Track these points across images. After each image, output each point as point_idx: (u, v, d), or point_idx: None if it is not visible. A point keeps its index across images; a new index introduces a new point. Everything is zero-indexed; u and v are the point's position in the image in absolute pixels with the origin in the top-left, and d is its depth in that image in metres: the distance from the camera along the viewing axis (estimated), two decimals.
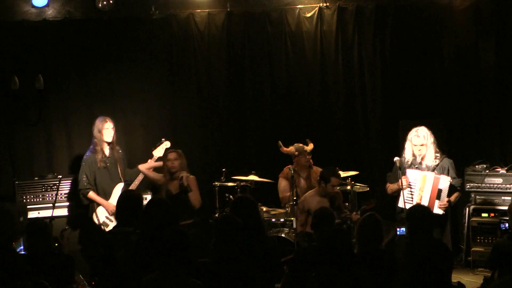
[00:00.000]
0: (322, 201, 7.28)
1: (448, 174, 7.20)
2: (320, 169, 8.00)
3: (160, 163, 7.73)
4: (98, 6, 8.58)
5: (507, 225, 6.47)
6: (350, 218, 7.42)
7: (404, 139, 7.41)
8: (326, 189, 7.28)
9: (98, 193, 7.76)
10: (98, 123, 7.87)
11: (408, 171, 7.17)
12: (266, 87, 9.10)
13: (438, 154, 7.27)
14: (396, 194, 7.29)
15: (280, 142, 8.06)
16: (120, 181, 7.84)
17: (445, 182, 7.05)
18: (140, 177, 7.76)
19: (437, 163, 7.22)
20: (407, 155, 7.27)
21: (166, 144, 7.84)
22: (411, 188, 7.04)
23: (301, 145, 8.04)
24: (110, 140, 7.86)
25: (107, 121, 7.85)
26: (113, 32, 8.86)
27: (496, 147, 8.75)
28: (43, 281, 4.69)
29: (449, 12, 8.80)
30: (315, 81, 9.06)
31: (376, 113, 9.01)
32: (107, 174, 7.84)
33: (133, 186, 7.72)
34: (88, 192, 7.74)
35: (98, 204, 7.73)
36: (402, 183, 7.01)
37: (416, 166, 7.21)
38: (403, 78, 8.95)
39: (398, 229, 6.52)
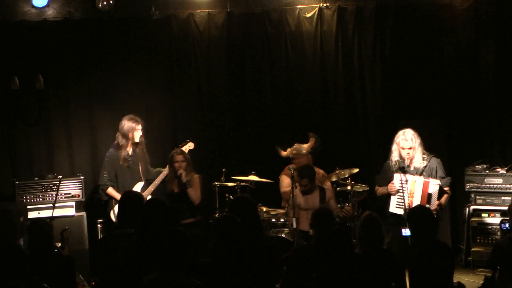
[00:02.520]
0: (310, 195, 7.37)
1: (436, 174, 7.18)
2: (321, 170, 8.02)
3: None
4: (98, 6, 8.58)
5: (507, 225, 6.48)
6: (349, 218, 7.45)
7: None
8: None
9: (118, 191, 7.77)
10: (130, 123, 7.84)
11: (396, 175, 7.14)
12: (266, 87, 9.10)
13: (425, 155, 7.25)
14: (385, 198, 7.28)
15: (278, 148, 8.09)
16: (141, 180, 7.86)
17: (434, 186, 7.03)
18: (161, 177, 7.78)
19: (425, 164, 7.20)
20: (395, 158, 7.25)
21: (190, 145, 7.86)
22: (400, 193, 7.02)
23: (296, 146, 8.03)
24: (138, 140, 7.90)
25: (139, 123, 7.88)
26: (113, 32, 8.86)
27: (496, 147, 8.75)
28: (45, 284, 4.69)
29: (449, 12, 8.80)
30: (315, 81, 9.06)
31: (376, 113, 9.01)
32: (129, 172, 7.86)
33: (152, 186, 7.75)
34: (107, 188, 7.78)
35: (117, 201, 7.75)
36: (402, 185, 7.00)
37: (405, 168, 7.19)
38: (403, 78, 8.95)
39: (403, 230, 6.52)
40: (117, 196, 7.72)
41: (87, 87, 8.87)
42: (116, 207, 7.72)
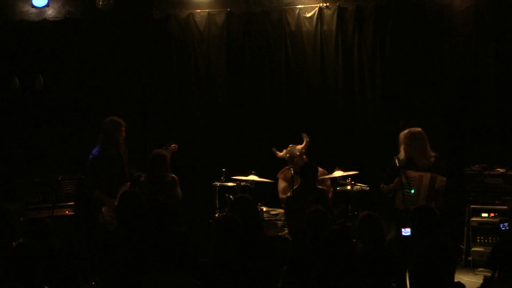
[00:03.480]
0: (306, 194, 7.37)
1: (443, 175, 7.19)
2: (319, 168, 8.02)
3: None
4: (98, 6, 8.58)
5: (506, 225, 6.48)
6: (350, 218, 7.45)
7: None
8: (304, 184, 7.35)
9: (104, 192, 7.76)
10: (113, 125, 7.80)
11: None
12: (266, 87, 9.10)
13: (433, 156, 7.26)
14: (392, 195, 7.29)
15: (274, 149, 8.08)
16: (126, 181, 7.84)
17: (441, 182, 7.05)
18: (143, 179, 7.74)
19: (432, 163, 7.22)
20: (402, 156, 7.27)
21: (174, 147, 7.83)
22: (405, 188, 7.03)
23: (291, 147, 8.01)
24: (121, 141, 7.88)
25: (122, 125, 7.84)
26: (113, 32, 8.86)
27: (496, 147, 8.74)
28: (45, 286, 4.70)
29: (449, 12, 8.79)
30: (315, 81, 9.06)
31: (376, 113, 9.01)
32: (113, 173, 7.84)
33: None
34: (94, 191, 7.76)
35: (104, 203, 7.74)
36: (402, 182, 7.00)
37: (412, 167, 7.21)
38: (403, 78, 8.95)
39: (403, 230, 6.52)
40: (104, 198, 7.72)
41: (87, 87, 8.88)
42: (104, 209, 7.72)
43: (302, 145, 8.04)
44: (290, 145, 8.08)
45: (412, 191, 7.01)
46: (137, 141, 8.87)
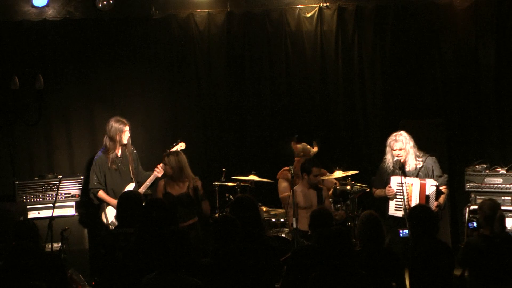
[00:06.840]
0: (308, 193, 7.41)
1: (432, 173, 7.19)
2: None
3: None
4: (98, 6, 8.58)
5: (474, 224, 6.49)
6: (350, 218, 7.46)
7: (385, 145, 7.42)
8: (309, 180, 7.34)
9: (107, 193, 7.77)
10: (117, 125, 7.81)
11: (393, 178, 7.17)
12: (266, 87, 9.10)
13: (420, 156, 7.26)
14: (384, 199, 7.30)
15: (293, 139, 8.06)
16: (131, 181, 7.83)
17: (431, 187, 7.05)
18: (152, 178, 7.73)
19: (421, 165, 7.22)
20: (389, 161, 7.28)
21: (181, 145, 7.79)
22: (398, 196, 7.04)
23: (308, 147, 8.03)
24: (126, 142, 7.87)
25: (126, 125, 7.84)
26: (113, 32, 8.86)
27: (496, 147, 8.75)
28: (42, 283, 4.70)
29: (449, 12, 8.81)
30: (315, 81, 9.06)
31: (376, 113, 9.01)
32: (118, 174, 7.84)
33: (143, 187, 7.71)
34: (98, 192, 7.78)
35: (108, 204, 7.74)
36: (394, 193, 7.03)
37: (401, 171, 7.20)
38: (403, 78, 8.96)
39: (400, 231, 6.53)
40: (107, 199, 7.73)
41: (87, 87, 8.87)
42: (107, 210, 7.73)
43: (316, 151, 8.05)
44: (304, 144, 8.05)
45: (404, 198, 7.01)
46: (137, 141, 8.88)
